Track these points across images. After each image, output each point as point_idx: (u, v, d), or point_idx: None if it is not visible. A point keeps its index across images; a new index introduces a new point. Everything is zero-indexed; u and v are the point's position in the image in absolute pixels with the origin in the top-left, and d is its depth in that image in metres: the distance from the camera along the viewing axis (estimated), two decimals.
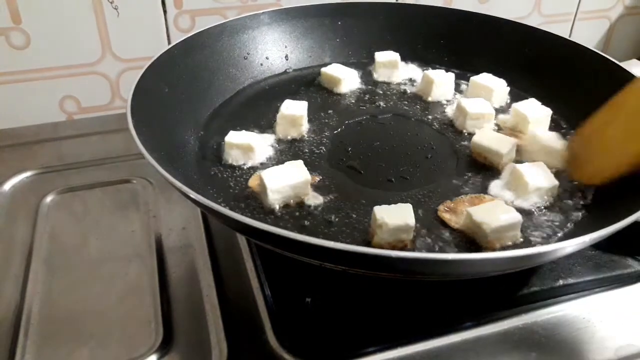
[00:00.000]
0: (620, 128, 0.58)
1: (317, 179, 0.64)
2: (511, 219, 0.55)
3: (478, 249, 0.56)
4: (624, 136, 0.57)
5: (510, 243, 0.56)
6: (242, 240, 0.66)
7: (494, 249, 0.55)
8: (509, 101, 0.80)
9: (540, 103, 0.74)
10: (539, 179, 0.61)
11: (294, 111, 0.71)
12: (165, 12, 0.90)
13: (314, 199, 0.61)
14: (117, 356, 0.53)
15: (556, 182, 0.62)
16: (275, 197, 0.59)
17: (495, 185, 0.64)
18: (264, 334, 0.55)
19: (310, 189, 0.61)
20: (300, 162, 0.61)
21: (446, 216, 0.59)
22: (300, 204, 0.60)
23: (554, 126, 0.76)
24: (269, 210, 0.59)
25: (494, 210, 0.56)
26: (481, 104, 0.73)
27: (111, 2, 0.86)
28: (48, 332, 0.55)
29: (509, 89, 0.80)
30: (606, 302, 0.59)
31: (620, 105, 0.59)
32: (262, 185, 0.59)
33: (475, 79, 0.80)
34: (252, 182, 0.63)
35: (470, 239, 0.57)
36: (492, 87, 0.79)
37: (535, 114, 0.72)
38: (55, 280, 0.61)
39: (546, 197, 0.61)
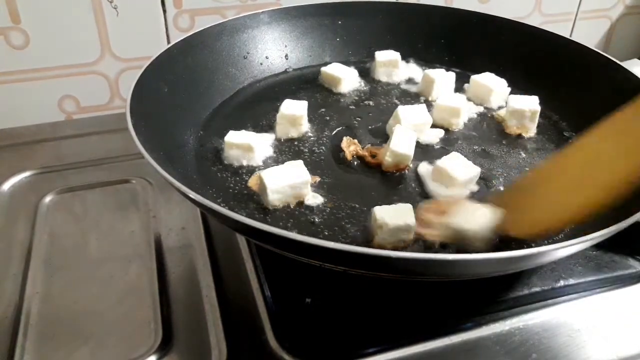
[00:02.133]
0: (566, 179, 0.53)
1: (317, 179, 0.64)
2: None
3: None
4: (568, 187, 0.52)
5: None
6: (242, 240, 0.65)
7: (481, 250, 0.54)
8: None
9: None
10: (463, 170, 0.62)
11: (294, 111, 0.71)
12: (164, 11, 0.90)
13: (314, 199, 0.61)
14: (116, 356, 0.53)
15: (478, 169, 0.63)
16: (275, 197, 0.59)
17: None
18: (264, 335, 0.54)
19: (310, 189, 0.61)
20: (300, 162, 0.61)
21: (427, 232, 0.55)
22: (300, 204, 0.60)
23: (554, 126, 0.76)
24: (268, 210, 0.59)
25: (473, 213, 0.55)
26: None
27: (110, 2, 0.86)
28: (47, 332, 0.55)
29: (509, 89, 0.80)
30: (607, 303, 0.59)
31: (568, 158, 0.55)
32: (262, 185, 0.59)
33: (476, 78, 0.80)
34: (252, 182, 0.63)
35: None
36: (492, 86, 0.78)
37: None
38: (54, 280, 0.61)
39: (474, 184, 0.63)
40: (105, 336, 0.55)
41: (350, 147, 0.67)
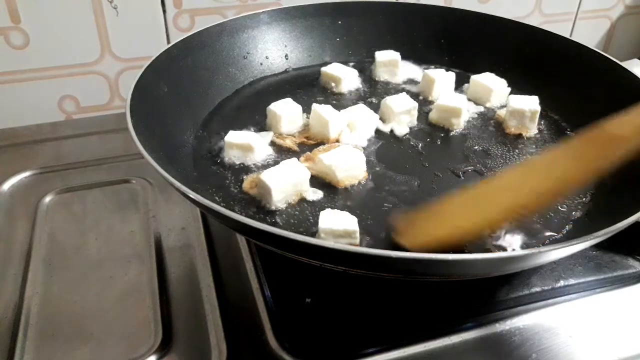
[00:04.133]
0: (469, 200, 0.55)
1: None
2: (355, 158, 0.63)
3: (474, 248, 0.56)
4: (469, 207, 0.55)
5: (356, 182, 0.63)
6: (241, 240, 0.65)
7: (345, 187, 0.62)
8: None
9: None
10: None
11: (279, 111, 0.70)
12: (164, 11, 0.90)
13: (314, 194, 0.61)
14: (116, 356, 0.53)
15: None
16: (279, 197, 0.59)
17: None
18: (264, 335, 0.54)
19: (309, 184, 0.61)
20: (294, 159, 0.62)
21: (308, 164, 0.63)
22: (301, 201, 0.60)
23: (554, 126, 0.76)
24: (268, 210, 0.59)
25: (340, 154, 0.63)
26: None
27: (110, 2, 0.86)
28: (47, 332, 0.55)
29: (509, 89, 0.80)
30: (607, 303, 0.59)
31: (481, 184, 0.60)
32: (264, 187, 0.59)
33: (476, 78, 0.80)
34: (247, 186, 0.62)
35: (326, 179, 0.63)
36: (492, 86, 0.78)
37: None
38: (54, 280, 0.61)
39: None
40: (105, 336, 0.55)
41: (285, 140, 0.69)
